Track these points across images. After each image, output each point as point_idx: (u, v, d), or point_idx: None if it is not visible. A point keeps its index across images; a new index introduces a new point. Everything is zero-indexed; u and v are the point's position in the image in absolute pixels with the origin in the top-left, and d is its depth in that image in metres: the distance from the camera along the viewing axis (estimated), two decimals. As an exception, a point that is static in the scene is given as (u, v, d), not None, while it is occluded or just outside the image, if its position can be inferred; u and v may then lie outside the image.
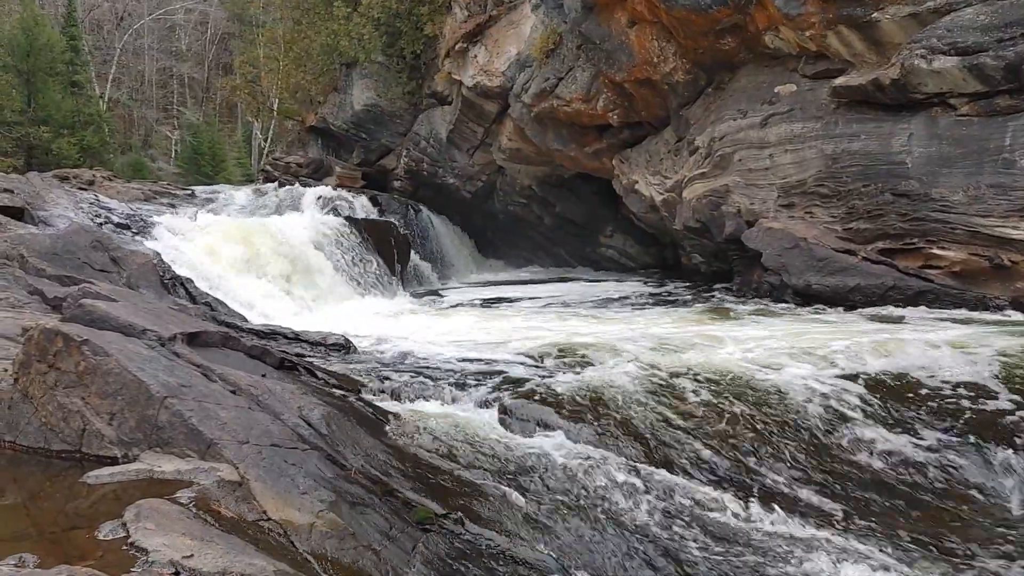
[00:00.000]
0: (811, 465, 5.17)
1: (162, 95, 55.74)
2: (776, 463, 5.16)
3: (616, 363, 6.79)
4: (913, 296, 10.14)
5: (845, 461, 5.22)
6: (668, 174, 15.40)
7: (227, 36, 56.32)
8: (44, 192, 13.97)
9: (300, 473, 3.98)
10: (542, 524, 4.30)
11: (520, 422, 5.57)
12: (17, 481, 4.23)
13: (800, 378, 6.22)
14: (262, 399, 4.73)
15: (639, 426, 5.48)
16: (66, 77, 36.93)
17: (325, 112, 25.33)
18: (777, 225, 11.96)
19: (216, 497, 3.65)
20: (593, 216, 21.18)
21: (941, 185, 9.97)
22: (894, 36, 10.42)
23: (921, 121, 10.19)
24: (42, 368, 4.54)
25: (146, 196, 17.23)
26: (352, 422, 4.83)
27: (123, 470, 3.98)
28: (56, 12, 45.34)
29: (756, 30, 12.17)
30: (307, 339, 7.79)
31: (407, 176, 23.38)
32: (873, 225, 10.78)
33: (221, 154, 44.29)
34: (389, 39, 21.97)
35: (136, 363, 4.51)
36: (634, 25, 13.99)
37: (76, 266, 9.40)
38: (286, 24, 29.34)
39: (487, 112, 19.69)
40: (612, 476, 4.77)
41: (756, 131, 12.52)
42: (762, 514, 4.60)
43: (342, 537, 3.60)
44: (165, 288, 9.77)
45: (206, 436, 4.11)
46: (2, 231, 10.19)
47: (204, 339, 5.83)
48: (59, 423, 4.38)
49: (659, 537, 4.32)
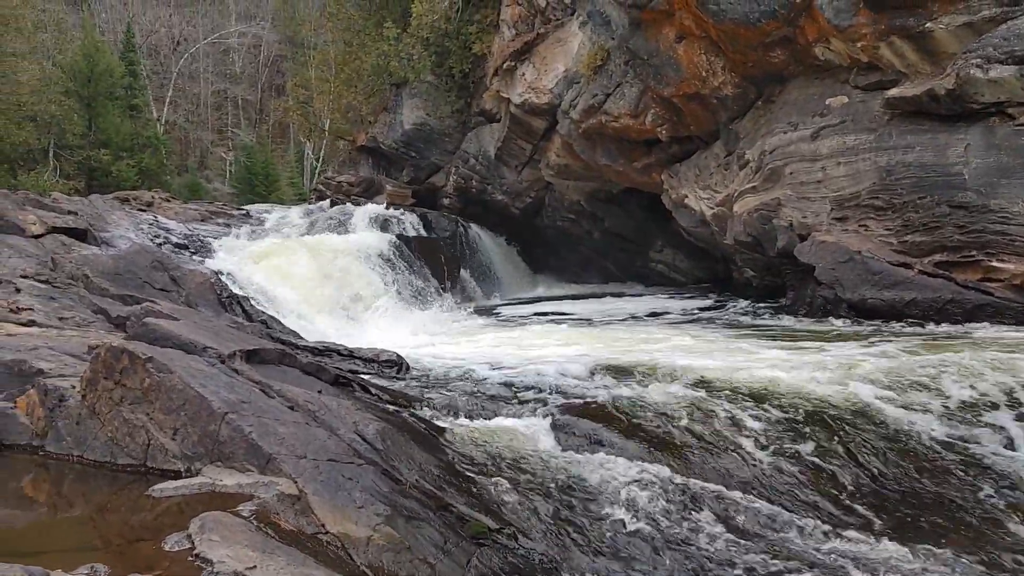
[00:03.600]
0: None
1: (217, 117, 57.05)
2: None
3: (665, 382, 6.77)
4: (972, 310, 9.92)
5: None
6: (718, 188, 15.30)
7: (279, 59, 57.53)
8: (106, 214, 14.41)
9: (356, 487, 4.05)
10: (595, 541, 4.30)
11: (573, 437, 5.58)
12: (85, 495, 4.38)
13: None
14: (319, 415, 4.82)
15: (686, 444, 5.46)
16: (125, 101, 38.05)
17: (375, 131, 25.66)
18: (830, 238, 11.80)
19: (276, 510, 3.73)
20: (642, 231, 21.10)
21: (1000, 196, 9.77)
22: (948, 46, 10.26)
23: (978, 131, 10.00)
24: (109, 385, 4.69)
25: (202, 216, 17.64)
26: (406, 437, 4.90)
27: (186, 484, 4.10)
28: (115, 39, 46.76)
29: (806, 42, 12.07)
30: (361, 356, 7.90)
31: (456, 193, 23.57)
32: (929, 238, 10.59)
33: (274, 174, 45.13)
34: (438, 59, 22.22)
35: (198, 380, 4.64)
36: (682, 40, 13.97)
37: (137, 285, 9.67)
38: (337, 46, 29.90)
39: (535, 129, 19.77)
40: (668, 495, 4.76)
41: (807, 144, 12.39)
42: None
43: (398, 551, 3.66)
44: (222, 306, 9.99)
45: (265, 451, 4.21)
46: (67, 252, 10.53)
47: (262, 356, 5.96)
48: (124, 438, 4.52)
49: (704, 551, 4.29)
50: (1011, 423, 5.73)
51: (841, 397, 6.18)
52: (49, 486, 4.55)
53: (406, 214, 19.95)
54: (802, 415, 5.85)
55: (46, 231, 11.27)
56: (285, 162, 50.42)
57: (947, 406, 6.03)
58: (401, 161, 25.16)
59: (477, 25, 21.38)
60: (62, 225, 11.77)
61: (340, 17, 28.14)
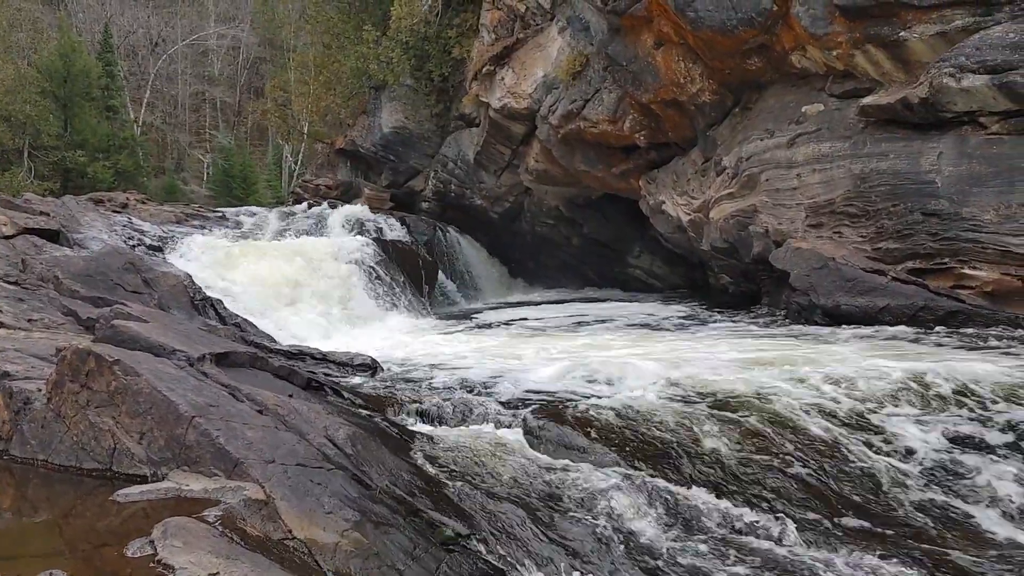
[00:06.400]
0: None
1: (195, 119, 56.70)
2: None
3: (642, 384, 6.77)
4: (944, 316, 10.01)
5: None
6: (695, 194, 15.37)
7: (258, 61, 57.31)
8: (79, 215, 14.24)
9: (325, 492, 4.01)
10: (567, 545, 4.29)
11: (545, 442, 5.56)
12: (49, 499, 4.31)
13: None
14: (288, 419, 4.78)
15: (665, 447, 5.45)
16: (102, 102, 37.76)
17: (354, 135, 25.60)
18: (805, 245, 11.88)
19: (242, 516, 3.69)
20: (621, 237, 21.17)
21: (972, 204, 9.87)
22: (922, 55, 10.36)
23: (951, 140, 10.11)
24: (75, 388, 4.63)
25: (178, 218, 17.48)
26: (377, 442, 4.86)
27: (152, 488, 4.05)
28: (92, 39, 46.37)
29: (783, 50, 12.16)
30: (334, 360, 7.85)
31: (435, 197, 23.55)
32: (903, 245, 10.68)
33: (252, 177, 44.91)
34: (417, 62, 22.20)
35: (165, 383, 4.58)
36: (660, 46, 14.03)
37: (109, 287, 9.56)
38: (316, 48, 29.78)
39: (514, 134, 19.79)
40: (632, 498, 4.75)
41: (783, 151, 12.48)
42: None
43: (366, 556, 3.63)
44: (196, 309, 9.90)
45: (233, 455, 4.16)
46: (38, 253, 10.39)
47: (232, 359, 5.91)
48: (90, 442, 4.46)
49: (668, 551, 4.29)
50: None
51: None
52: (13, 490, 4.47)
53: (384, 217, 19.90)
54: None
55: (17, 232, 11.10)
56: (263, 165, 50.19)
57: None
58: (380, 164, 25.12)
59: (457, 29, 21.38)
60: (34, 226, 11.59)
61: (319, 19, 28.02)
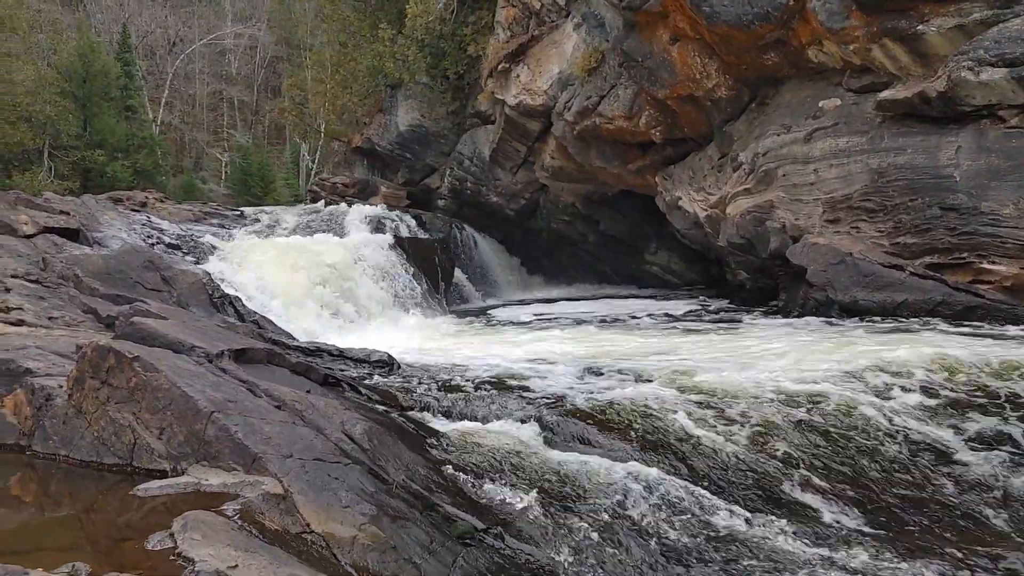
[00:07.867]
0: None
1: (213, 118, 56.96)
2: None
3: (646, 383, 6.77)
4: (963, 311, 9.95)
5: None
6: (712, 190, 15.33)
7: (275, 60, 57.46)
8: (99, 214, 14.37)
9: (342, 487, 4.04)
10: (581, 540, 4.30)
11: (562, 437, 5.58)
12: (71, 494, 4.37)
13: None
14: (306, 414, 4.81)
15: (678, 444, 5.46)
16: (120, 102, 37.99)
17: (371, 133, 25.66)
18: (822, 240, 11.83)
19: (260, 510, 3.73)
20: (637, 233, 21.13)
21: (990, 199, 9.80)
22: (940, 48, 10.29)
23: (969, 134, 10.04)
24: (95, 384, 4.68)
25: (196, 217, 17.61)
26: (394, 437, 4.89)
27: (172, 483, 4.09)
28: (111, 39, 46.68)
29: (799, 45, 12.10)
30: (351, 356, 7.89)
31: (451, 195, 23.58)
32: (921, 239, 10.61)
33: (270, 175, 45.05)
34: (433, 60, 22.22)
35: (184, 379, 4.63)
36: (676, 42, 13.99)
37: (128, 285, 9.65)
38: (333, 47, 29.82)
39: (530, 131, 19.79)
40: (650, 489, 4.75)
41: (800, 146, 12.42)
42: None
43: (383, 550, 3.65)
44: (214, 307, 9.97)
45: (251, 450, 4.20)
46: (58, 252, 10.51)
47: (250, 356, 5.95)
48: (111, 437, 4.51)
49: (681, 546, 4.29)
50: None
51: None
52: (35, 486, 4.54)
53: (401, 215, 19.97)
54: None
55: (38, 231, 11.23)
56: (281, 163, 50.36)
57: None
58: (396, 162, 25.17)
59: (472, 26, 21.38)
60: (54, 225, 11.72)
61: (335, 18, 28.09)
